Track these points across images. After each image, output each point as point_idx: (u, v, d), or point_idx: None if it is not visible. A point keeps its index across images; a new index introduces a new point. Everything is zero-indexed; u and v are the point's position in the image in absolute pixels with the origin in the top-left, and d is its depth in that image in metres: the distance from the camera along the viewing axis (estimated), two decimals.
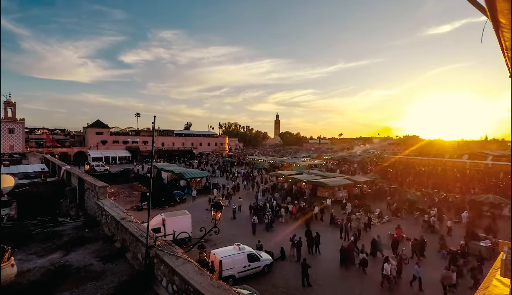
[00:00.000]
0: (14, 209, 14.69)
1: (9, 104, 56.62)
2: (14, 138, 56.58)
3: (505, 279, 2.78)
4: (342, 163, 62.54)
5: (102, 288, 6.54)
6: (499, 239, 13.70)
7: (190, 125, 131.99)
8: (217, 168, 54.28)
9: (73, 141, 73.62)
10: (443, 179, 39.59)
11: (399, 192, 30.14)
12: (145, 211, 21.60)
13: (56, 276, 6.91)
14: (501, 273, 2.72)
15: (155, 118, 8.05)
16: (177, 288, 5.66)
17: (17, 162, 39.32)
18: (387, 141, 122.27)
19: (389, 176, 44.46)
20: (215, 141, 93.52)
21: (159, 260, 6.38)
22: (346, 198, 28.21)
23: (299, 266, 13.15)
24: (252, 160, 64.11)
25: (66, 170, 20.42)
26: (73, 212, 14.51)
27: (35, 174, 27.07)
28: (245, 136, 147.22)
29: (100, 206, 11.32)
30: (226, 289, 4.98)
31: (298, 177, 33.33)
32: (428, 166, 50.21)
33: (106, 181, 13.80)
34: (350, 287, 12.75)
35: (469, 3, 2.16)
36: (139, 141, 74.55)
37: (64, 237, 9.80)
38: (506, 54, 2.49)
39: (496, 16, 1.91)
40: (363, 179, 33.80)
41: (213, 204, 7.06)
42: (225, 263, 12.77)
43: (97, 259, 8.04)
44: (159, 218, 17.02)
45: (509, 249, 2.81)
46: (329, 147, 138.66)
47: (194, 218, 18.53)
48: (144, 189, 31.17)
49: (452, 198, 28.51)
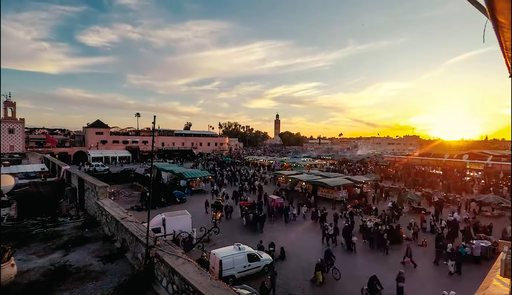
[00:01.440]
0: (14, 209, 14.67)
1: (9, 104, 56.65)
2: (14, 138, 56.59)
3: (505, 279, 2.78)
4: (343, 164, 62.55)
5: (102, 288, 6.54)
6: (499, 239, 13.71)
7: (190, 125, 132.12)
8: (216, 165, 54.26)
9: (73, 141, 73.62)
10: (443, 178, 39.61)
11: (399, 192, 30.13)
12: (145, 211, 21.60)
13: (56, 276, 6.92)
14: (501, 273, 2.72)
15: (155, 118, 8.07)
16: (177, 288, 5.66)
17: (17, 162, 39.29)
18: (386, 141, 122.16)
19: (390, 175, 44.52)
20: (215, 141, 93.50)
21: (159, 260, 6.38)
22: (346, 198, 28.24)
23: (300, 266, 13.11)
24: (252, 160, 64.15)
25: (66, 170, 20.43)
26: (73, 212, 14.51)
27: (35, 174, 27.07)
28: (245, 136, 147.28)
29: (100, 205, 11.32)
30: (226, 289, 4.99)
31: (298, 177, 33.34)
32: (428, 165, 50.20)
33: (106, 181, 13.81)
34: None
35: (469, 3, 2.16)
36: (139, 141, 74.54)
37: (64, 237, 9.80)
38: (506, 54, 2.49)
39: (496, 16, 1.91)
40: (363, 179, 33.80)
41: (214, 204, 7.07)
42: (225, 263, 12.77)
43: (97, 259, 8.04)
44: (159, 218, 17.02)
45: (509, 249, 2.81)
46: (329, 147, 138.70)
47: (194, 218, 18.53)
48: (144, 188, 31.17)
49: (452, 198, 28.55)
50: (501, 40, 2.25)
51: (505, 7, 1.78)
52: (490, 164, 40.86)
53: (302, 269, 14.19)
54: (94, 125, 70.98)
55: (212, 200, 25.61)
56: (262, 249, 15.45)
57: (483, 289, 3.26)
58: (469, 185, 36.04)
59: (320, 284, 12.79)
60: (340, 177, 34.33)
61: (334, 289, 12.59)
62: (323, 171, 45.39)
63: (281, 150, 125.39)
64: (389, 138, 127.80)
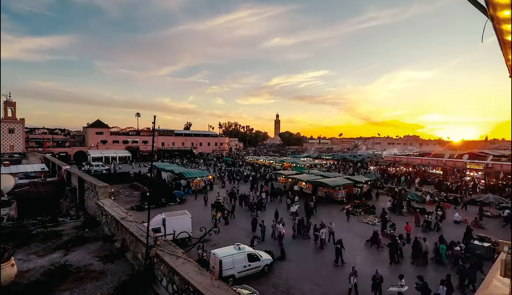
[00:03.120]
0: (14, 209, 14.69)
1: (9, 104, 56.69)
2: (14, 138, 56.62)
3: (505, 279, 2.78)
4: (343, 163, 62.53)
5: (102, 287, 6.54)
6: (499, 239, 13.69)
7: (190, 125, 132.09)
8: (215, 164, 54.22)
9: (73, 141, 73.61)
10: (443, 178, 39.59)
11: (399, 192, 30.14)
12: (145, 211, 21.58)
13: (56, 276, 6.92)
14: (501, 273, 2.72)
15: (155, 118, 8.07)
16: (177, 288, 5.66)
17: (17, 162, 39.31)
18: (386, 141, 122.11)
19: (390, 175, 44.53)
20: (215, 141, 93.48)
21: (159, 260, 6.39)
22: (346, 198, 28.25)
23: (299, 266, 13.08)
24: (252, 160, 64.13)
25: (66, 170, 20.43)
26: (73, 211, 14.52)
27: (35, 174, 27.07)
28: (245, 136, 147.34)
29: (100, 205, 11.32)
30: (226, 289, 4.99)
31: (298, 177, 33.33)
32: (428, 165, 50.17)
33: (106, 181, 13.81)
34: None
35: (469, 2, 2.16)
36: (139, 141, 74.55)
37: (64, 237, 9.81)
38: (506, 54, 2.49)
39: (496, 16, 1.92)
40: (363, 179, 33.79)
41: (214, 204, 7.06)
42: (225, 263, 12.78)
43: (97, 259, 8.04)
44: (159, 217, 17.02)
45: (509, 249, 2.81)
46: (330, 147, 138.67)
47: (193, 218, 18.52)
48: (144, 188, 31.16)
49: (452, 197, 28.54)
50: (500, 41, 2.25)
51: (504, 7, 1.78)
52: (490, 163, 40.85)
53: (302, 268, 14.21)
54: (94, 125, 71.01)
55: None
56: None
57: (483, 289, 3.26)
58: (469, 185, 36.07)
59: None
60: (340, 177, 34.32)
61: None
62: (323, 171, 45.37)
63: (281, 149, 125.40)
64: (389, 138, 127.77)
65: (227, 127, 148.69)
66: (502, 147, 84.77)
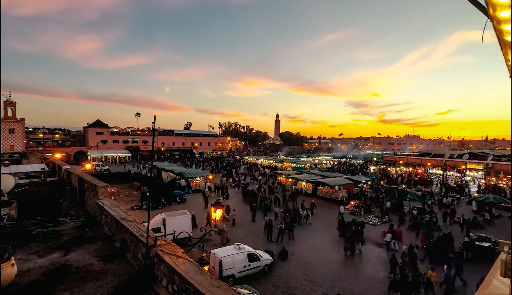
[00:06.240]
0: (14, 209, 14.68)
1: (9, 104, 56.68)
2: (14, 138, 56.61)
3: (505, 279, 2.78)
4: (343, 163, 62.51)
5: (102, 287, 6.54)
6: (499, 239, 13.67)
7: (190, 125, 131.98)
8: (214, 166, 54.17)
9: (73, 141, 73.60)
10: (443, 178, 39.57)
11: (399, 191, 30.13)
12: (145, 211, 21.57)
13: (56, 276, 6.91)
14: (501, 273, 2.71)
15: (155, 118, 8.07)
16: (177, 288, 5.66)
17: (17, 162, 39.32)
18: (387, 141, 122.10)
19: (390, 175, 44.51)
20: (215, 141, 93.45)
21: (159, 260, 6.38)
22: (346, 198, 28.24)
23: (299, 265, 13.09)
24: (252, 160, 64.13)
25: (66, 170, 20.43)
26: (73, 211, 14.52)
27: (35, 174, 27.05)
28: (245, 136, 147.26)
29: (100, 205, 11.32)
30: (226, 289, 4.99)
31: (298, 177, 33.33)
32: (428, 166, 50.10)
33: (106, 181, 13.81)
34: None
35: (469, 2, 2.16)
36: (139, 141, 74.56)
37: (64, 237, 9.80)
38: (506, 54, 2.49)
39: (496, 16, 1.91)
40: (363, 179, 33.79)
41: (213, 204, 7.06)
42: (225, 262, 12.78)
43: (97, 259, 8.04)
44: (159, 217, 17.03)
45: (509, 249, 2.80)
46: (330, 147, 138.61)
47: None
48: (144, 188, 31.17)
49: (452, 197, 28.53)
50: (501, 40, 2.25)
51: (504, 7, 1.78)
52: (490, 163, 40.82)
53: (303, 268, 14.20)
54: (94, 125, 71.00)
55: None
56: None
57: (483, 289, 3.26)
58: (469, 184, 36.07)
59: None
60: (340, 176, 34.32)
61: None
62: (323, 171, 45.37)
63: (281, 149, 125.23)
64: (389, 138, 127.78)
65: (227, 127, 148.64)
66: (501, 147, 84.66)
